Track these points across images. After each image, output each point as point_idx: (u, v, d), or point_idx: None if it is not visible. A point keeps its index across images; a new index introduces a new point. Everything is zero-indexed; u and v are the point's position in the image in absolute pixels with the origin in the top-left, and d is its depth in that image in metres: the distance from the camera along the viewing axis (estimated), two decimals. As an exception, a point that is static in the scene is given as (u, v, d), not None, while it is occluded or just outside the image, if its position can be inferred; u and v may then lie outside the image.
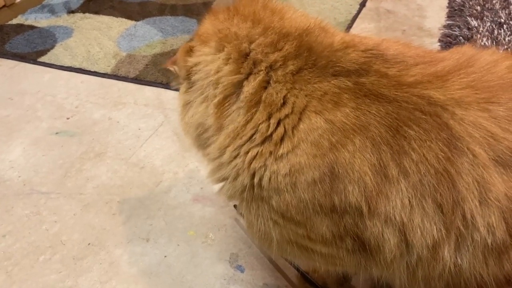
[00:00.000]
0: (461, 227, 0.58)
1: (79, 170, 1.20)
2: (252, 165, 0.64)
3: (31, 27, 1.86)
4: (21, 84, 1.54)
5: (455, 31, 1.67)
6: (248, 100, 0.64)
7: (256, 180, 0.64)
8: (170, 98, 1.43)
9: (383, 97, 0.60)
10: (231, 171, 0.67)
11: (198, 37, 0.72)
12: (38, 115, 1.40)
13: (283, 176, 0.62)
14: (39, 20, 1.91)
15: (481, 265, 0.59)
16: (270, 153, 0.63)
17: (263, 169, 0.63)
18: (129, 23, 1.86)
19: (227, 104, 0.66)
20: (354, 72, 0.62)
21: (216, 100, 0.67)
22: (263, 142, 0.63)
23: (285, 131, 0.62)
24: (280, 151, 0.62)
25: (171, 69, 0.76)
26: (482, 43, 1.57)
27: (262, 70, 0.64)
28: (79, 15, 1.92)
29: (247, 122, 0.64)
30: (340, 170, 0.59)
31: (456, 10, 1.81)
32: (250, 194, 0.66)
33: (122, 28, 1.82)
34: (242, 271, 0.94)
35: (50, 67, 1.62)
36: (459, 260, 0.59)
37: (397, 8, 1.98)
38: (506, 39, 1.58)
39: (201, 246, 0.99)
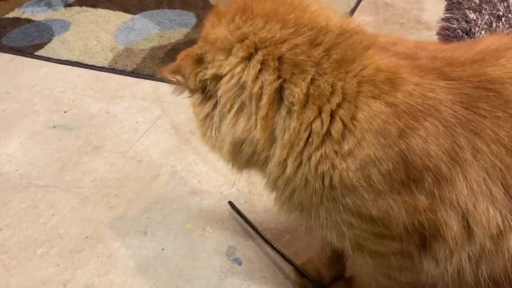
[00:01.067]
0: None
1: (76, 164, 1.20)
2: (319, 169, 0.60)
3: (28, 21, 1.85)
4: (18, 78, 1.54)
5: (453, 24, 1.66)
6: (298, 103, 0.59)
7: (326, 182, 0.60)
8: (167, 91, 1.41)
9: (444, 74, 0.58)
10: (300, 181, 0.62)
11: (209, 44, 0.65)
12: (36, 109, 1.40)
13: (354, 172, 0.58)
14: (36, 13, 1.90)
15: None
16: (335, 152, 0.58)
17: (332, 169, 0.59)
18: (127, 16, 1.85)
19: (271, 114, 0.61)
20: (404, 55, 0.60)
21: (262, 112, 0.61)
22: (322, 142, 0.59)
23: (344, 124, 0.58)
24: (345, 148, 0.58)
25: (172, 79, 0.69)
26: (480, 36, 1.57)
27: (307, 70, 0.59)
28: (76, 8, 1.91)
29: (300, 125, 0.60)
30: (413, 158, 0.56)
31: (454, 3, 1.81)
32: (320, 197, 0.62)
33: (120, 22, 1.81)
34: (239, 264, 0.94)
35: (47, 60, 1.61)
36: None
37: (396, 1, 1.98)
38: (505, 32, 1.58)
39: (198, 239, 0.99)
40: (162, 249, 0.98)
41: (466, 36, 1.59)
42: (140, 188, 1.12)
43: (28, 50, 1.66)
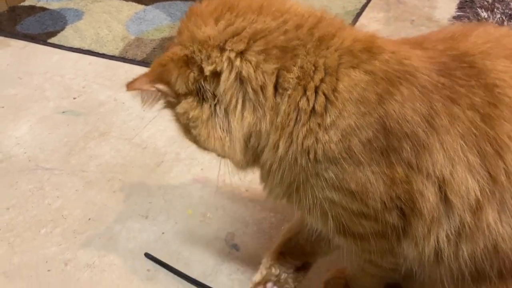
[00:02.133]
0: (504, 181, 0.57)
1: (83, 149, 1.22)
2: (305, 144, 0.60)
3: (43, 9, 1.88)
4: (30, 64, 1.57)
5: (464, 22, 1.66)
6: (290, 87, 0.60)
7: (311, 156, 0.60)
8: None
9: (421, 45, 0.61)
10: (290, 159, 0.62)
11: (199, 44, 0.63)
12: (46, 94, 1.42)
13: (336, 144, 0.59)
14: (51, 2, 1.93)
15: None
16: (319, 125, 0.59)
17: (316, 143, 0.60)
18: (139, 7, 1.87)
19: (276, 103, 0.61)
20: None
21: (269, 103, 0.61)
22: (309, 118, 0.60)
23: (326, 97, 0.59)
24: (328, 120, 0.59)
25: (151, 89, 0.65)
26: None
27: (298, 54, 0.60)
28: (90, -2, 1.95)
29: (289, 106, 0.60)
30: (391, 124, 0.57)
31: (467, 1, 1.80)
32: (305, 173, 0.62)
33: (132, 12, 1.83)
34: (237, 250, 0.96)
35: (59, 48, 1.64)
36: (504, 229, 0.58)
37: (408, -3, 1.97)
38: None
39: (198, 225, 1.01)
40: (163, 233, 1.00)
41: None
42: (143, 174, 1.14)
43: (41, 38, 1.69)
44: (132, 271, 0.93)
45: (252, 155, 0.66)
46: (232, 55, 0.61)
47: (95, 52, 1.60)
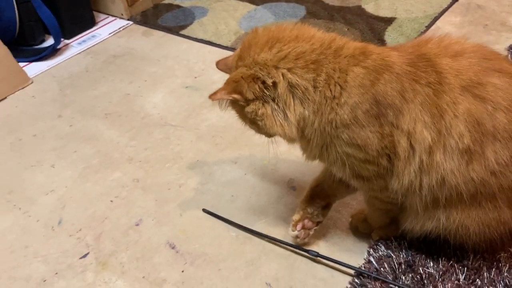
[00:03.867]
0: (445, 133, 0.90)
1: (198, 114, 1.69)
2: (329, 118, 0.92)
3: (178, 7, 2.40)
4: (166, 49, 2.08)
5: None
6: (321, 86, 0.93)
7: (333, 124, 0.92)
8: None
9: (397, 49, 0.97)
10: (321, 129, 0.95)
11: (260, 65, 0.93)
12: (175, 73, 1.92)
13: (347, 115, 0.91)
14: (184, 1, 2.44)
15: (457, 170, 0.90)
16: (337, 104, 0.91)
17: (335, 115, 0.92)
18: (251, 7, 2.30)
19: (313, 97, 0.95)
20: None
21: (312, 98, 0.93)
22: (331, 101, 0.92)
23: (340, 87, 0.91)
24: (342, 100, 0.91)
25: (229, 97, 0.97)
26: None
27: (325, 65, 0.93)
28: (214, -2, 2.42)
29: (321, 97, 0.94)
30: (380, 98, 0.90)
31: (542, 8, 1.95)
32: (330, 137, 0.95)
33: (245, 11, 2.27)
34: (294, 190, 1.35)
35: (187, 38, 2.13)
36: (447, 164, 0.90)
37: (489, 3, 2.16)
38: None
39: (269, 171, 1.42)
40: (245, 174, 1.42)
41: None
42: (237, 135, 1.57)
43: (175, 30, 2.20)
44: (220, 197, 1.36)
45: (301, 132, 0.99)
46: (285, 71, 0.93)
47: (213, 43, 2.07)
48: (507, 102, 0.90)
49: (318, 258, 1.14)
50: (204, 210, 1.31)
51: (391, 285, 1.04)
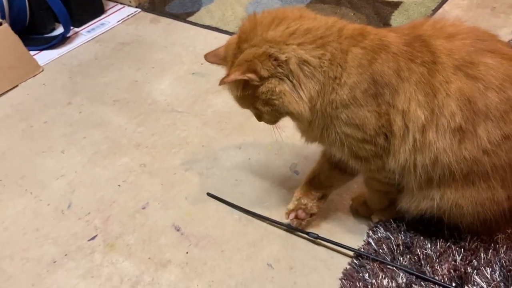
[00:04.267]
0: (438, 112, 0.92)
1: (204, 99, 1.71)
2: (330, 98, 0.94)
3: (185, -7, 2.41)
4: (173, 36, 2.11)
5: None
6: (326, 65, 0.95)
7: (334, 105, 0.94)
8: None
9: (394, 31, 0.98)
10: (322, 109, 0.96)
11: (270, 43, 0.93)
12: (182, 60, 1.95)
13: (346, 95, 0.93)
14: (192, -13, 2.46)
15: (449, 148, 0.92)
16: (338, 84, 0.93)
17: (336, 95, 0.93)
18: (258, -8, 2.31)
19: (319, 76, 0.96)
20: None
21: (326, 74, 0.93)
22: (333, 82, 0.93)
23: (341, 67, 0.92)
24: (342, 80, 0.92)
25: (249, 76, 0.93)
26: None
27: (331, 44, 0.94)
28: (221, -16, 2.43)
29: (324, 78, 0.95)
30: (377, 77, 0.91)
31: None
32: (330, 118, 0.96)
33: (252, -3, 2.28)
34: (297, 174, 1.38)
35: (194, 25, 2.15)
36: (439, 142, 0.91)
37: (498, -14, 2.13)
38: None
39: (273, 156, 1.45)
40: (249, 159, 1.45)
41: None
42: (242, 120, 1.59)
43: (182, 17, 2.22)
44: (224, 181, 1.39)
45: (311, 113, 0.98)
46: (295, 46, 0.93)
47: (220, 29, 2.09)
48: (499, 81, 0.90)
49: (318, 240, 1.16)
50: (208, 194, 1.34)
51: (388, 266, 1.07)
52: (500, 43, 0.97)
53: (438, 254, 1.07)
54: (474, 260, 1.05)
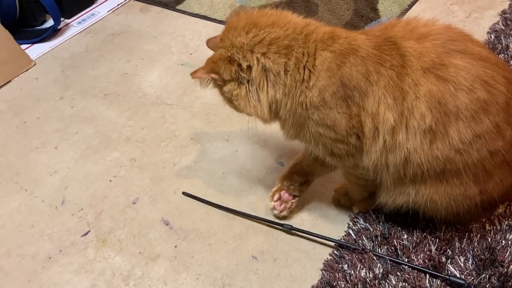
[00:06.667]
0: (407, 115, 0.95)
1: (193, 91, 1.74)
2: (300, 100, 0.99)
3: (174, -20, 2.41)
4: (162, 25, 2.11)
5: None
6: (291, 69, 0.99)
7: (304, 106, 0.99)
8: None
9: (366, 33, 1.01)
10: (293, 110, 1.01)
11: (237, 48, 1.00)
12: (171, 50, 1.96)
13: (316, 97, 0.97)
14: (181, -27, 2.45)
15: (420, 148, 0.95)
16: (306, 87, 0.97)
17: (305, 98, 0.98)
18: (247, -23, 2.30)
19: (284, 80, 1.01)
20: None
21: (283, 82, 0.99)
22: (301, 84, 0.98)
23: (309, 70, 0.96)
24: (311, 83, 0.97)
25: (207, 77, 1.05)
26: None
27: (296, 50, 0.98)
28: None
29: (291, 80, 0.98)
30: (345, 81, 0.95)
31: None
32: (302, 118, 1.01)
33: (240, -18, 2.28)
34: (282, 165, 1.41)
35: (183, 13, 2.15)
36: (409, 143, 0.95)
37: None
38: None
39: (259, 148, 1.48)
40: (236, 151, 1.49)
41: None
42: (230, 112, 1.57)
43: (172, 5, 2.22)
44: (211, 174, 1.43)
45: (274, 114, 1.07)
46: (259, 55, 0.99)
47: (209, 17, 2.09)
48: (469, 82, 0.93)
49: (293, 231, 1.21)
50: (184, 193, 1.38)
51: (366, 256, 1.11)
52: (471, 43, 0.99)
53: (414, 244, 1.11)
54: (448, 250, 1.10)
